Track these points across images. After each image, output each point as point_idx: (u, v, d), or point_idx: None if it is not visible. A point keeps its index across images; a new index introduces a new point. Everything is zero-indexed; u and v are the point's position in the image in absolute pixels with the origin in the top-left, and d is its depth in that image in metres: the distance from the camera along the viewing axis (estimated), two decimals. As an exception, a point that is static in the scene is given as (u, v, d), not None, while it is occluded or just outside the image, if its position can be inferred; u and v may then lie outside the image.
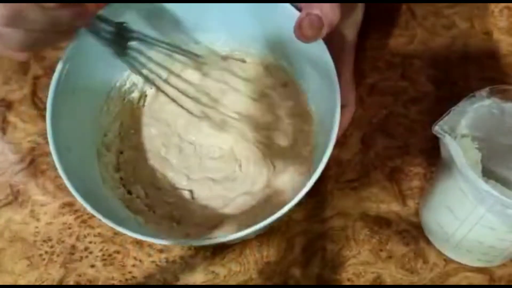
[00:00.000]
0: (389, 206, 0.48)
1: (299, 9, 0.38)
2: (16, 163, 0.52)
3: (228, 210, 0.45)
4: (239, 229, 0.37)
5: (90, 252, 0.48)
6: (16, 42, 0.31)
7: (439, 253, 0.45)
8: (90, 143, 0.45)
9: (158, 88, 0.47)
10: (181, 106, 0.47)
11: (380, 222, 0.47)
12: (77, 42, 0.41)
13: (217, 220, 0.44)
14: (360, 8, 0.43)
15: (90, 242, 0.48)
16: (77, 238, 0.49)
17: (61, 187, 0.51)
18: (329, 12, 0.35)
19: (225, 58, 0.49)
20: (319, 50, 0.39)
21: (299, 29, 0.35)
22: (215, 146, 0.48)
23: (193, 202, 0.46)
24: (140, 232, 0.38)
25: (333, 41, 0.39)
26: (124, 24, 0.41)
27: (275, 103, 0.48)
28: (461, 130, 0.37)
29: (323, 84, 0.40)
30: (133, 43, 0.43)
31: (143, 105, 0.49)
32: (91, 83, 0.45)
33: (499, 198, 0.34)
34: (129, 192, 0.46)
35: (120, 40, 0.41)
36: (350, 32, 0.44)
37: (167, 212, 0.45)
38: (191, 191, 0.46)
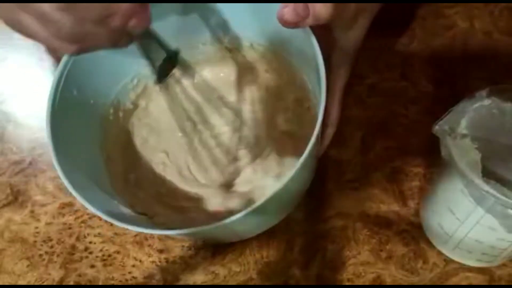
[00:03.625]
0: (389, 206, 0.48)
1: None
2: (16, 163, 0.52)
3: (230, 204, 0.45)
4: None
5: (90, 252, 0.48)
6: (66, 31, 0.30)
7: (439, 253, 0.45)
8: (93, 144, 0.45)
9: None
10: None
11: (380, 223, 0.47)
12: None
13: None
14: (364, 20, 0.40)
15: (90, 242, 0.48)
16: (77, 238, 0.49)
17: (61, 187, 0.51)
18: (319, 5, 0.34)
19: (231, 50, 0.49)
20: (311, 49, 0.38)
21: (281, 12, 0.35)
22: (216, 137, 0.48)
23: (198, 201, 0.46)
24: (143, 226, 0.38)
25: (327, 46, 0.38)
26: (177, 52, 0.39)
27: (280, 98, 0.48)
28: (461, 130, 0.37)
29: (316, 78, 0.40)
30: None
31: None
32: (92, 87, 0.44)
33: (499, 198, 0.34)
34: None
35: (166, 66, 0.39)
36: (349, 44, 0.42)
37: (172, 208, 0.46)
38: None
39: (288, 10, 0.34)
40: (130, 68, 0.47)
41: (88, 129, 0.44)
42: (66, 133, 0.41)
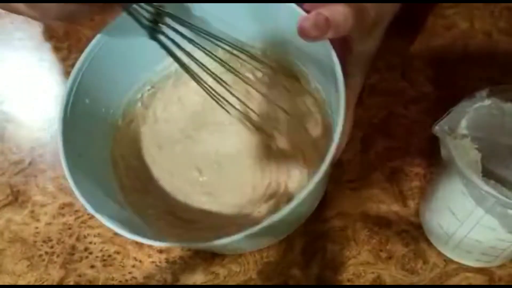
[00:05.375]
0: (389, 206, 0.48)
1: (305, 10, 0.38)
2: (16, 163, 0.52)
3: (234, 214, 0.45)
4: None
5: (90, 253, 0.48)
6: (52, 12, 0.34)
7: (439, 253, 0.45)
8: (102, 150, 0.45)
9: (188, 72, 0.44)
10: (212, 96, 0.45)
11: (380, 223, 0.47)
12: (92, 52, 0.42)
13: (222, 225, 0.45)
14: (381, 29, 0.40)
15: (90, 243, 0.48)
16: (77, 239, 0.49)
17: (61, 188, 0.51)
18: (340, 18, 0.34)
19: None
20: (324, 52, 0.38)
21: (301, 26, 0.35)
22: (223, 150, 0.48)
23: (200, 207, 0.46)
24: (145, 235, 0.38)
25: (342, 55, 0.38)
26: (162, 8, 0.39)
27: (284, 103, 0.48)
28: (461, 130, 0.37)
29: (330, 84, 0.40)
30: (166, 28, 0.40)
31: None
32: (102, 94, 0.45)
33: (499, 199, 0.34)
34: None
35: (155, 22, 0.39)
36: (364, 54, 0.41)
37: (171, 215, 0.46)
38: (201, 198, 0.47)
39: (308, 24, 0.34)
40: (142, 75, 0.47)
41: (98, 137, 0.44)
42: (76, 142, 0.41)
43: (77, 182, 0.38)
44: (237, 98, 0.45)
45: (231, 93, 0.44)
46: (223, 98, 0.43)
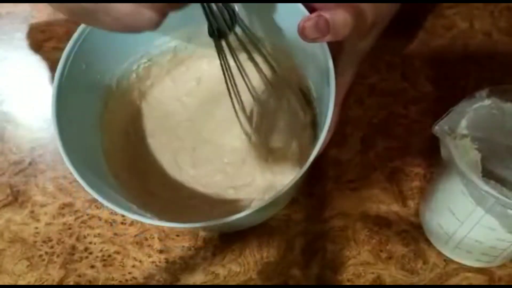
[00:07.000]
0: (389, 206, 0.48)
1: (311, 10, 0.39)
2: (16, 163, 0.52)
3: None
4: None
5: (90, 253, 0.48)
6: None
7: (439, 253, 0.45)
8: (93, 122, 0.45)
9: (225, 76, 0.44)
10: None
11: (380, 223, 0.47)
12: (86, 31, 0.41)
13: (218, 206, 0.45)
14: (377, 30, 0.41)
15: (90, 243, 0.48)
16: (77, 239, 0.49)
17: (61, 188, 0.51)
18: (340, 23, 0.35)
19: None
20: (323, 54, 0.38)
21: (302, 26, 0.35)
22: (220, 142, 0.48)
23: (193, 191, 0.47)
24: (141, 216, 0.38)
25: (333, 51, 0.39)
26: (235, 10, 0.39)
27: (283, 99, 0.48)
28: (461, 130, 0.37)
29: (323, 83, 0.41)
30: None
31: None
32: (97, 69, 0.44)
33: (499, 199, 0.34)
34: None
35: (222, 21, 0.38)
36: (357, 53, 0.42)
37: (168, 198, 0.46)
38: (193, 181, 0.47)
39: (309, 25, 0.35)
40: (141, 46, 0.47)
41: (91, 104, 0.44)
42: (69, 107, 0.40)
43: (67, 148, 0.38)
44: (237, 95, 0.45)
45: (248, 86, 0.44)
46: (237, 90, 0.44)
